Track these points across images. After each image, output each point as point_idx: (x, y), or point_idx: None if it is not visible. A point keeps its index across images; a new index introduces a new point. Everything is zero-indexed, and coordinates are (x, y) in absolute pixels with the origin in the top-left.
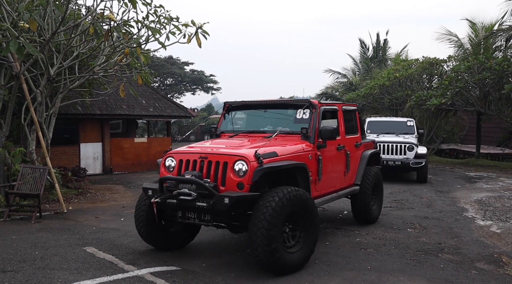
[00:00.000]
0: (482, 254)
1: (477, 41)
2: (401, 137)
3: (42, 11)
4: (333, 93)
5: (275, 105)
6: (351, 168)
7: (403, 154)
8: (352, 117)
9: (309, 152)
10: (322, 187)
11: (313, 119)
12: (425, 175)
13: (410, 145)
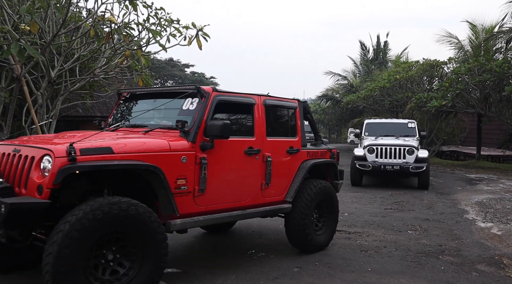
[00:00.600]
0: (483, 256)
1: (477, 43)
2: (401, 140)
3: (43, 13)
4: (334, 95)
5: (164, 94)
6: (276, 180)
7: (403, 158)
8: (286, 114)
9: (183, 153)
10: (211, 201)
11: (199, 111)
12: (426, 181)
13: (409, 148)
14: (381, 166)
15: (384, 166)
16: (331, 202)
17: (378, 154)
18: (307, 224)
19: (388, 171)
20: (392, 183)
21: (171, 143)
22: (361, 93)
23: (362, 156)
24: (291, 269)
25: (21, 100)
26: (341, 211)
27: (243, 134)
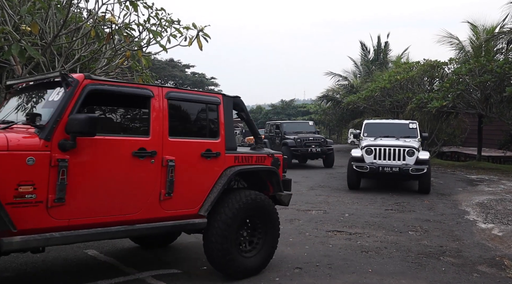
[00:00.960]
0: (484, 257)
1: (478, 44)
2: (401, 141)
3: (43, 14)
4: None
5: (32, 87)
6: (183, 189)
7: (402, 160)
8: (203, 111)
9: (29, 153)
10: (77, 213)
11: (61, 102)
12: (427, 184)
13: (410, 149)
14: (379, 167)
15: (383, 167)
16: (266, 217)
17: (376, 155)
18: (227, 242)
19: (387, 173)
20: (393, 185)
21: (11, 140)
22: (362, 94)
23: (359, 157)
24: (292, 270)
25: None
26: (342, 211)
27: (132, 133)
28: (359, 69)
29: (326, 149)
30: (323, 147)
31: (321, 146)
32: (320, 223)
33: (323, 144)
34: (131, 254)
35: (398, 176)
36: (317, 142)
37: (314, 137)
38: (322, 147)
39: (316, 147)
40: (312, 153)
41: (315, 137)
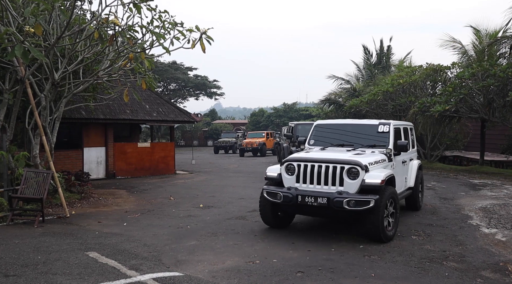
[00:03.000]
0: (488, 262)
1: (481, 48)
2: (350, 153)
3: (47, 16)
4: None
5: None
6: None
7: (338, 184)
8: None
9: None
10: None
11: None
12: (377, 229)
13: (351, 167)
14: (297, 197)
15: (304, 197)
16: None
17: (300, 175)
18: None
19: (309, 205)
20: None
21: None
22: (364, 98)
23: (275, 177)
24: (294, 274)
25: (25, 102)
26: None
27: None
28: (362, 73)
29: None
30: None
31: None
32: (322, 226)
33: None
34: (132, 257)
35: (327, 213)
36: None
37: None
38: None
39: None
40: None
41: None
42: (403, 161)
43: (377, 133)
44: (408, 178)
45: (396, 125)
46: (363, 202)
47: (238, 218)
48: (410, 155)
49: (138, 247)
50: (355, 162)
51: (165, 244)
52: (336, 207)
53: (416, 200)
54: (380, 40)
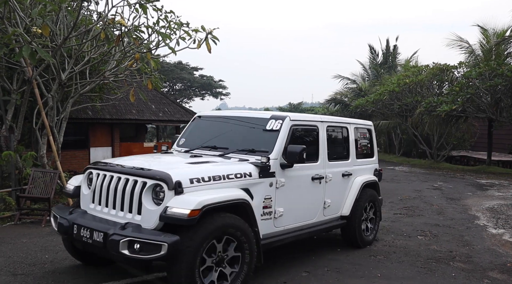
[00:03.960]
0: (495, 263)
1: (488, 47)
2: (185, 160)
3: (54, 16)
4: (342, 99)
5: None
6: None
7: (133, 211)
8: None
9: None
10: None
11: None
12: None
13: (155, 183)
14: (73, 226)
15: (80, 228)
16: None
17: (96, 190)
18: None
19: (86, 242)
20: (401, 188)
21: None
22: (370, 97)
23: (70, 192)
24: (300, 274)
25: (32, 103)
26: None
27: None
28: (368, 73)
29: None
30: None
31: None
32: None
33: None
34: None
35: (102, 254)
36: None
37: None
38: None
39: None
40: None
41: None
42: (316, 177)
43: (263, 132)
44: (339, 202)
45: (300, 122)
46: (150, 246)
47: None
48: (348, 167)
49: None
50: (161, 176)
51: None
52: (112, 251)
53: (353, 234)
54: (386, 40)
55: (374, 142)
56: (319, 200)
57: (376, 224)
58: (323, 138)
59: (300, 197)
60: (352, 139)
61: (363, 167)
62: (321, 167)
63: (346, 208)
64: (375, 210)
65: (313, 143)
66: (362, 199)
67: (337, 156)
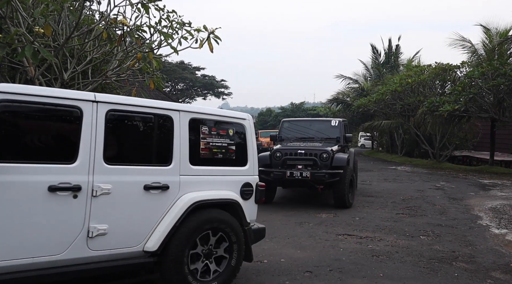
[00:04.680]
0: (498, 263)
1: (491, 47)
2: None
3: (56, 16)
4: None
5: None
6: None
7: None
8: None
9: None
10: None
11: None
12: None
13: None
14: None
15: None
16: None
17: None
18: None
19: None
20: (404, 188)
21: None
22: (372, 97)
23: None
24: (302, 274)
25: None
26: (352, 215)
27: None
28: (370, 72)
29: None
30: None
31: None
32: (330, 226)
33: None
34: None
35: None
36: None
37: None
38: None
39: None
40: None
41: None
42: (60, 187)
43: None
44: (134, 229)
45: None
46: None
47: None
48: (162, 177)
49: None
50: None
51: None
52: None
53: (170, 278)
54: (388, 39)
55: (250, 144)
56: (73, 223)
57: (230, 265)
58: (87, 126)
59: None
60: (181, 135)
61: (213, 178)
62: (81, 171)
63: (153, 240)
64: (230, 244)
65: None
66: (188, 226)
67: (135, 158)
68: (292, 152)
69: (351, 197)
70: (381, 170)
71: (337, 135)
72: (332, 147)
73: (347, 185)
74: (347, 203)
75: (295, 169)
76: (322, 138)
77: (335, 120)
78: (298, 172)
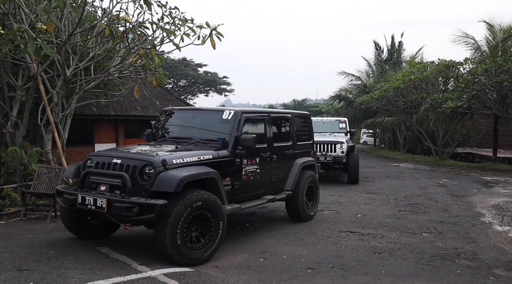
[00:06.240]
0: (500, 260)
1: (494, 44)
2: None
3: (59, 13)
4: (347, 96)
5: None
6: None
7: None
8: None
9: None
10: None
11: None
12: None
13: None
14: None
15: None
16: None
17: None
18: None
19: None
20: (406, 185)
21: None
22: (375, 94)
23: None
24: (304, 270)
25: (37, 99)
26: (354, 212)
27: None
28: (373, 69)
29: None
30: None
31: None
32: (332, 223)
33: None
34: (143, 252)
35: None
36: None
37: None
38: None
39: None
40: None
41: None
42: None
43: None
44: None
45: None
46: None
47: (247, 214)
48: None
49: (149, 243)
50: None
51: None
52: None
53: None
54: (391, 36)
55: None
56: None
57: None
58: None
59: None
60: None
61: None
62: None
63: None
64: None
65: None
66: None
67: None
68: (105, 161)
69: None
70: (384, 166)
71: (228, 133)
72: (202, 155)
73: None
74: None
75: (94, 192)
76: (202, 140)
77: (229, 112)
78: (91, 198)
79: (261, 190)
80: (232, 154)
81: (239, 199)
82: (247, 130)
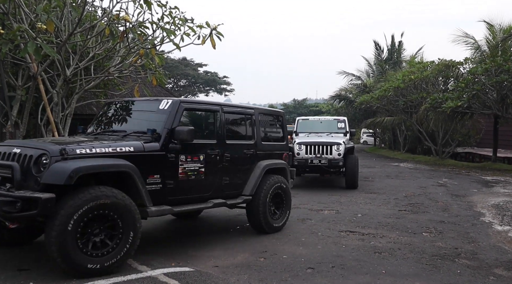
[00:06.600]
0: (500, 260)
1: (494, 43)
2: None
3: (59, 12)
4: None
5: None
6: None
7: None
8: None
9: None
10: None
11: None
12: None
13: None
14: None
15: None
16: None
17: None
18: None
19: None
20: (406, 185)
21: None
22: (375, 94)
23: None
24: (304, 270)
25: (37, 99)
26: (354, 212)
27: None
28: (373, 69)
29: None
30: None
31: None
32: (332, 223)
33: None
34: (143, 252)
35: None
36: None
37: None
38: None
39: None
40: None
41: None
42: None
43: None
44: None
45: None
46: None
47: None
48: None
49: (149, 242)
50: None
51: (176, 239)
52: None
53: None
54: (391, 36)
55: None
56: None
57: None
58: None
59: None
60: None
61: None
62: None
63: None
64: None
65: None
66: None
67: None
68: (6, 150)
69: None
70: (384, 166)
71: (161, 124)
72: (121, 146)
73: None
74: None
75: None
76: (134, 132)
77: (167, 101)
78: None
79: (207, 193)
80: (163, 147)
81: (173, 201)
82: (189, 123)
